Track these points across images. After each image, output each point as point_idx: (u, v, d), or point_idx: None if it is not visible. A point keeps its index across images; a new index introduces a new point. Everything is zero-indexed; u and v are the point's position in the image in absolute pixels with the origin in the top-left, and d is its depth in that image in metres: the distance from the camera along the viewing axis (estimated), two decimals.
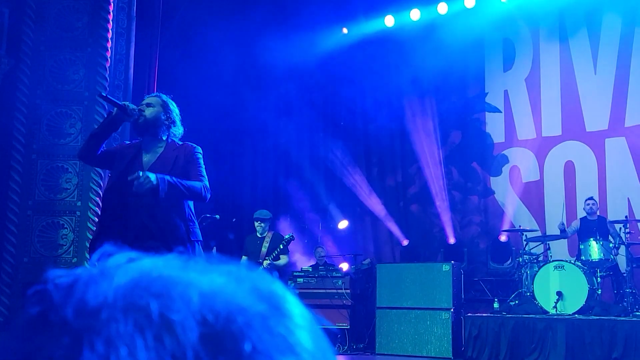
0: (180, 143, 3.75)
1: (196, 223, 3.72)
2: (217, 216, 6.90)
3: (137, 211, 3.49)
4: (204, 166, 3.72)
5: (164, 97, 3.81)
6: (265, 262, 7.15)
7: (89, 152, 3.71)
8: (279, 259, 7.31)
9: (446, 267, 7.67)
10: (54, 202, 6.60)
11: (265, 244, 7.45)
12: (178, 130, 3.79)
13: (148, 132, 3.67)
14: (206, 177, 3.67)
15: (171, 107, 3.79)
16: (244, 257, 7.57)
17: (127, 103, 3.65)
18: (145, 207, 3.49)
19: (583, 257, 7.20)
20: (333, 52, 10.32)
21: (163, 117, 3.72)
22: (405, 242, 10.28)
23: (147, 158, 3.65)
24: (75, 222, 6.60)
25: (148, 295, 0.41)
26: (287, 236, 7.38)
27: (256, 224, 7.60)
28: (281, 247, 7.22)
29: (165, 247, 3.42)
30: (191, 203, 3.69)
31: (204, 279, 0.44)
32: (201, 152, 3.76)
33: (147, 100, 3.76)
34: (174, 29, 8.46)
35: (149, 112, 3.67)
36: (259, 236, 7.58)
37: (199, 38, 8.88)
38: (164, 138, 3.70)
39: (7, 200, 6.49)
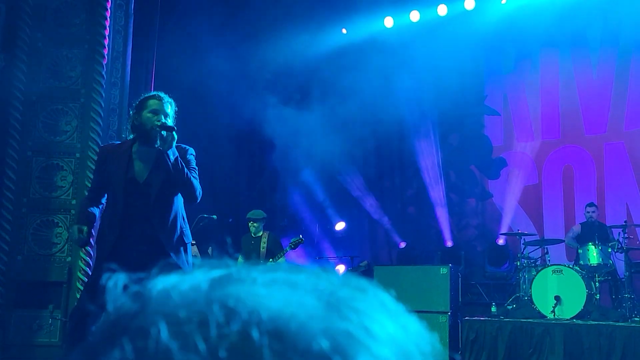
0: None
1: (187, 224, 3.66)
2: (214, 216, 6.84)
3: (136, 218, 3.46)
4: (197, 169, 3.61)
5: (173, 103, 3.62)
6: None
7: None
8: (268, 259, 7.24)
9: (444, 270, 7.61)
10: (49, 200, 6.53)
11: (263, 244, 7.35)
12: None
13: (154, 141, 3.46)
14: (198, 179, 3.58)
15: (175, 113, 3.63)
16: (240, 257, 7.49)
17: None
18: (145, 215, 3.46)
19: (581, 262, 7.16)
20: (332, 53, 10.27)
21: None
22: (402, 245, 10.23)
23: (139, 165, 3.52)
24: (70, 221, 6.53)
25: (219, 306, 0.40)
26: (294, 239, 7.23)
27: (249, 224, 7.52)
28: (288, 249, 7.13)
29: (159, 251, 3.41)
30: (182, 203, 3.63)
31: (287, 297, 0.42)
32: (194, 153, 3.66)
33: (165, 108, 3.50)
34: (172, 27, 8.40)
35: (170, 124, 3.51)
36: (254, 236, 7.47)
37: (197, 36, 8.82)
38: None
39: (2, 197, 6.42)
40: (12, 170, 6.48)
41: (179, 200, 3.57)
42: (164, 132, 3.37)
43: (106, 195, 3.66)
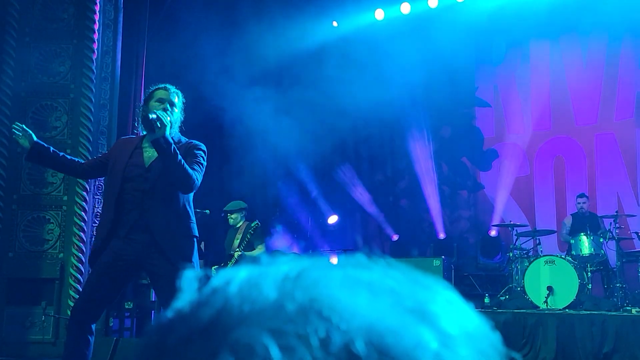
0: (185, 140, 3.60)
1: (192, 218, 3.59)
2: (207, 211, 6.81)
3: (133, 205, 3.44)
4: (203, 163, 3.57)
5: (180, 95, 3.65)
6: (237, 253, 6.71)
7: None
8: (253, 248, 6.92)
9: (437, 262, 7.64)
10: (39, 197, 6.49)
11: (239, 235, 7.05)
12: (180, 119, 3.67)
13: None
14: (201, 172, 3.52)
15: (183, 104, 3.65)
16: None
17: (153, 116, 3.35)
18: (141, 201, 3.43)
19: (574, 252, 7.20)
20: (323, 45, 10.23)
21: (181, 117, 3.60)
22: (395, 237, 10.25)
23: (149, 153, 3.52)
24: (61, 217, 6.49)
25: (316, 317, 0.38)
26: (252, 224, 6.93)
27: (227, 216, 7.25)
28: (249, 236, 6.82)
29: (158, 242, 3.39)
30: (190, 198, 3.60)
31: (370, 305, 0.39)
32: (204, 149, 3.62)
33: (171, 97, 3.54)
34: (162, 20, 8.33)
35: (174, 115, 3.52)
36: (235, 228, 7.22)
37: (187, 29, 8.76)
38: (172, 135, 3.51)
39: None
40: (1, 167, 6.43)
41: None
42: (158, 123, 3.34)
43: (104, 182, 3.70)
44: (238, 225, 7.23)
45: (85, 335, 3.37)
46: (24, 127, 3.60)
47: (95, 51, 6.56)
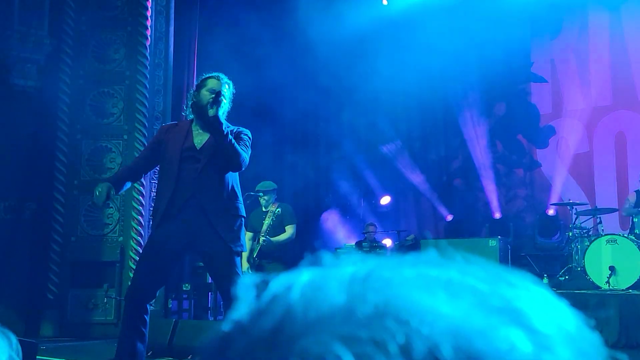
0: (232, 127, 3.72)
1: (240, 199, 3.75)
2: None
3: (187, 184, 3.55)
4: (249, 146, 3.75)
5: (231, 85, 3.76)
6: (261, 239, 6.45)
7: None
8: (283, 230, 6.63)
9: (493, 242, 7.51)
10: (98, 182, 6.65)
11: (268, 218, 6.69)
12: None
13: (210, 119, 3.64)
14: (248, 153, 3.69)
15: (232, 95, 3.77)
16: (249, 234, 6.82)
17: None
18: (195, 180, 3.56)
19: (637, 231, 6.95)
20: (373, 24, 10.09)
21: (228, 107, 3.72)
22: (449, 217, 10.12)
23: (199, 137, 3.67)
24: (120, 202, 6.65)
25: (393, 321, 0.34)
26: (276, 210, 6.58)
27: (259, 197, 6.83)
28: (275, 219, 6.53)
29: (210, 219, 3.52)
30: (237, 180, 3.69)
31: (452, 306, 0.36)
32: (250, 135, 3.79)
33: (222, 87, 3.65)
34: (213, 5, 8.37)
35: (223, 108, 3.62)
36: (264, 210, 6.84)
37: (237, 14, 8.78)
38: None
39: (54, 180, 6.58)
40: (62, 153, 6.62)
41: (231, 174, 3.67)
42: (215, 106, 3.53)
43: (159, 167, 3.86)
44: (267, 208, 6.84)
45: (141, 314, 3.48)
46: (104, 199, 3.79)
47: (149, 38, 6.65)
